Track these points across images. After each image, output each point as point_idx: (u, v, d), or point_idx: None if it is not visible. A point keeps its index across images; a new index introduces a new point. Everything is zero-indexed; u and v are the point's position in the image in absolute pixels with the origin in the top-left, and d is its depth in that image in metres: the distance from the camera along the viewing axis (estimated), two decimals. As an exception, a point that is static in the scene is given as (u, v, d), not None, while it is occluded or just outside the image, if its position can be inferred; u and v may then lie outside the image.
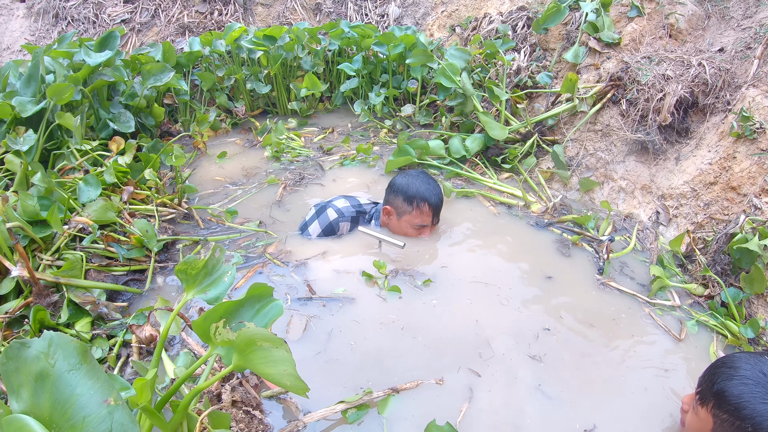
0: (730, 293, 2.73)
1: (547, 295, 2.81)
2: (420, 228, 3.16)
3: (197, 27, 6.00)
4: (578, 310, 2.73)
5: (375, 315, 2.65)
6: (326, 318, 2.61)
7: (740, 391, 1.72)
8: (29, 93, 3.57)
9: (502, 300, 2.76)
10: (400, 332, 2.55)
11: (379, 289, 2.80)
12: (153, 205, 3.32)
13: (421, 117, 4.73)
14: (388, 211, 3.20)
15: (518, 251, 3.16)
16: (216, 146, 4.58)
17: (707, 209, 3.12)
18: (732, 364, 1.81)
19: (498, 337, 2.53)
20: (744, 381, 1.73)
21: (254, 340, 1.37)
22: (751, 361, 1.78)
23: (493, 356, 2.43)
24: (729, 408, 1.74)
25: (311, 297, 2.72)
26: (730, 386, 1.75)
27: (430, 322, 2.62)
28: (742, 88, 3.31)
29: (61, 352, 1.22)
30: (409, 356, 2.44)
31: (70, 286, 2.62)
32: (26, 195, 2.74)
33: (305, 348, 2.45)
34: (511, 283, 2.88)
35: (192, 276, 1.82)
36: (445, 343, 2.50)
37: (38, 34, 6.32)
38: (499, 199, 3.64)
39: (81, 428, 1.16)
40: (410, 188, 3.11)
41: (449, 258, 3.06)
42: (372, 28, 4.99)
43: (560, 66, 4.24)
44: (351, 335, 2.54)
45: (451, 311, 2.69)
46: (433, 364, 2.40)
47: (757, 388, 1.71)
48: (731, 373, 1.78)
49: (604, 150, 3.71)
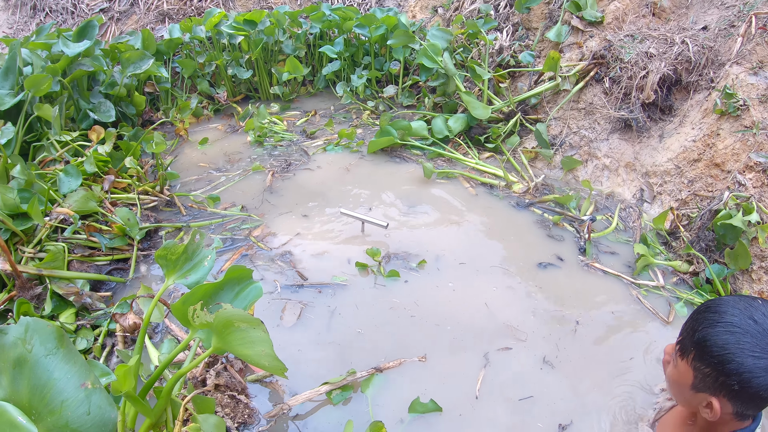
0: (714, 270, 2.74)
1: (528, 276, 2.82)
2: None
3: (177, 14, 5.93)
4: (561, 291, 2.74)
5: (371, 298, 2.68)
6: (320, 304, 2.63)
7: (725, 341, 1.43)
8: (7, 86, 3.53)
9: (488, 282, 2.77)
10: (392, 313, 2.57)
11: (375, 275, 2.81)
12: (134, 193, 3.30)
13: (404, 98, 4.71)
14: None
15: (497, 231, 3.16)
16: (198, 133, 4.54)
17: (691, 186, 3.13)
18: (717, 309, 1.49)
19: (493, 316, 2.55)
20: (730, 329, 1.43)
21: (231, 321, 1.36)
22: (740, 305, 1.47)
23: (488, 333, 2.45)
24: (712, 360, 1.45)
25: (302, 284, 2.73)
26: (714, 334, 1.45)
27: (426, 303, 2.65)
28: (726, 66, 3.31)
29: (38, 337, 1.21)
30: (410, 338, 2.46)
31: (53, 278, 2.60)
32: (6, 188, 2.71)
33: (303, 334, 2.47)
34: (490, 263, 2.90)
35: (172, 261, 1.81)
36: (451, 324, 2.53)
37: (16, 27, 6.24)
38: (481, 179, 3.64)
39: (59, 412, 1.15)
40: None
41: (431, 241, 3.07)
42: (353, 11, 4.95)
43: (543, 45, 4.23)
44: (349, 320, 2.56)
45: (441, 293, 2.70)
46: (434, 343, 2.43)
47: (745, 338, 1.41)
48: (715, 318, 1.47)
49: (587, 128, 3.71)
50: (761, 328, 1.41)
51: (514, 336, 2.44)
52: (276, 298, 2.66)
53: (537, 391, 2.21)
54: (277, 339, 2.34)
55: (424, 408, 2.07)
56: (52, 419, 1.17)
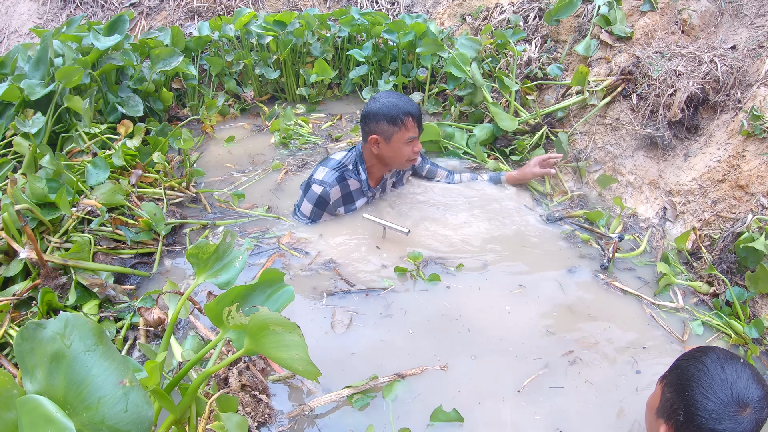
0: (735, 292, 2.72)
1: (550, 290, 2.82)
2: (411, 141, 3.09)
3: (206, 11, 5.97)
4: (583, 308, 2.74)
5: (417, 303, 2.70)
6: (368, 310, 2.65)
7: (691, 374, 1.61)
8: (38, 76, 3.57)
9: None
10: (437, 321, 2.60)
11: (414, 279, 2.83)
12: (161, 188, 3.33)
13: (430, 106, 4.72)
14: (376, 140, 3.08)
15: (528, 241, 3.18)
16: (224, 131, 4.58)
17: (714, 207, 3.11)
18: (703, 350, 1.69)
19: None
20: (700, 367, 1.61)
21: (267, 324, 1.37)
22: (722, 355, 1.64)
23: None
24: (674, 387, 1.64)
25: (348, 290, 2.75)
26: (686, 366, 1.65)
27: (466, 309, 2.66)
28: (754, 87, 3.30)
29: (77, 333, 1.22)
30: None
31: (77, 269, 2.63)
32: (35, 177, 2.74)
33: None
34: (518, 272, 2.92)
35: (203, 260, 1.83)
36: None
37: (46, 18, 6.30)
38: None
39: (96, 409, 1.17)
40: (390, 108, 3.02)
41: (462, 243, 3.10)
42: (382, 16, 4.97)
43: (571, 58, 4.23)
44: (400, 324, 2.58)
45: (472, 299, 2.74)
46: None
47: (706, 378, 1.57)
48: (697, 356, 1.66)
49: (613, 144, 3.70)
50: (724, 377, 1.56)
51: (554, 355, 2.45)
52: (324, 305, 2.67)
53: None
54: (329, 346, 2.40)
55: (447, 417, 2.08)
56: (87, 415, 1.18)
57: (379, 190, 3.39)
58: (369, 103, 3.11)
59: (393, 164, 3.20)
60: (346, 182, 3.17)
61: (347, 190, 3.20)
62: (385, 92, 3.16)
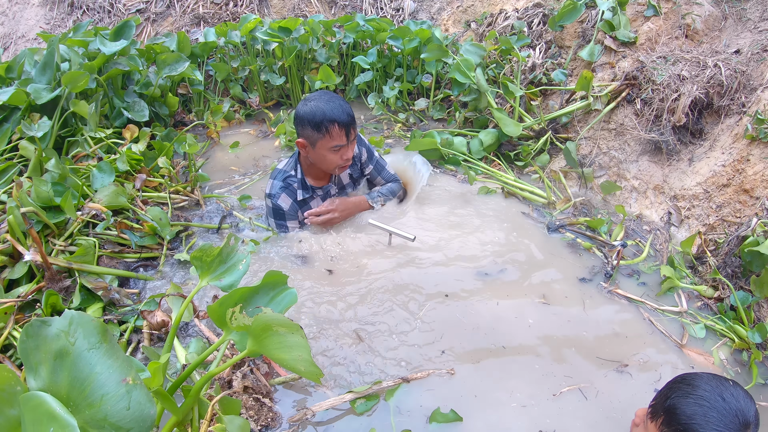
0: (739, 296, 2.71)
1: (553, 296, 2.82)
2: (338, 150, 2.95)
3: (212, 18, 5.99)
4: (584, 315, 2.73)
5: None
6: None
7: (693, 412, 1.58)
8: (44, 80, 3.59)
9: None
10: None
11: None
12: (166, 192, 3.34)
13: (435, 111, 4.73)
14: (303, 144, 2.97)
15: (532, 249, 3.17)
16: (229, 136, 4.59)
17: (719, 211, 3.11)
18: (691, 382, 1.66)
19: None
20: (700, 402, 1.58)
21: (270, 325, 1.38)
22: (713, 383, 1.63)
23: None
24: (678, 427, 1.59)
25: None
26: (684, 404, 1.60)
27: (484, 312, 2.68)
28: (758, 91, 3.29)
29: (82, 330, 1.23)
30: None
31: (82, 272, 2.64)
32: (40, 181, 2.76)
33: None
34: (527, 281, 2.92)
35: (207, 263, 1.83)
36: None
37: (53, 23, 6.33)
38: (523, 195, 3.66)
39: (99, 406, 1.17)
40: (315, 114, 2.85)
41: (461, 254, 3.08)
42: (387, 22, 4.97)
43: (575, 64, 4.23)
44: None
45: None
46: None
47: (712, 412, 1.55)
48: (688, 390, 1.63)
49: (617, 149, 3.70)
50: (728, 407, 1.56)
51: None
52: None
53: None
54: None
55: (445, 418, 2.08)
56: (90, 412, 1.19)
57: (333, 186, 3.30)
58: (299, 104, 2.98)
59: (324, 169, 3.10)
60: (292, 188, 3.15)
61: (294, 196, 3.16)
62: (318, 93, 3.00)
